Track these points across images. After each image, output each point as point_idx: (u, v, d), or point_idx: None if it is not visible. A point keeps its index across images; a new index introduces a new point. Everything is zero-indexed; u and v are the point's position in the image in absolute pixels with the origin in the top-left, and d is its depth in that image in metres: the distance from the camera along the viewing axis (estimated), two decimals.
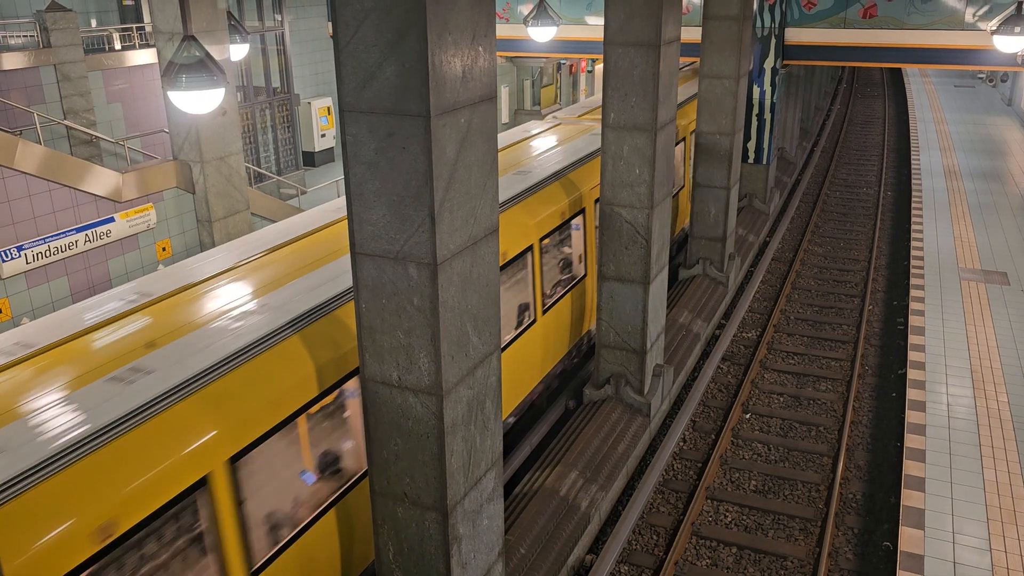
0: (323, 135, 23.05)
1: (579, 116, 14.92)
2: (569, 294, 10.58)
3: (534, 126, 13.93)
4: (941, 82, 37.04)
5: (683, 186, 15.57)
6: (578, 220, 10.73)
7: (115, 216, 13.19)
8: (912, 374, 10.98)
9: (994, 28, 13.40)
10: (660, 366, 10.61)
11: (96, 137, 16.01)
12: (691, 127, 15.65)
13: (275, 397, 5.64)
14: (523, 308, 9.45)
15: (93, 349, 5.77)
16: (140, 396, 5.09)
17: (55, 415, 4.90)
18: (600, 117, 13.68)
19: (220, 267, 7.28)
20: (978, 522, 8.11)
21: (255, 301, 6.59)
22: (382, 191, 4.77)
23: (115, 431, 4.80)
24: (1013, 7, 13.27)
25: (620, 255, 9.77)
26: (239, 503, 5.29)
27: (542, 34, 14.97)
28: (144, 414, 4.98)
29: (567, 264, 10.72)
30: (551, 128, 13.65)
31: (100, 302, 6.61)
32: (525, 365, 9.50)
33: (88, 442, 4.66)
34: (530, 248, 9.39)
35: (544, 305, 9.85)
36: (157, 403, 5.07)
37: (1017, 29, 13.01)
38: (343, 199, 8.85)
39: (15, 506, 4.24)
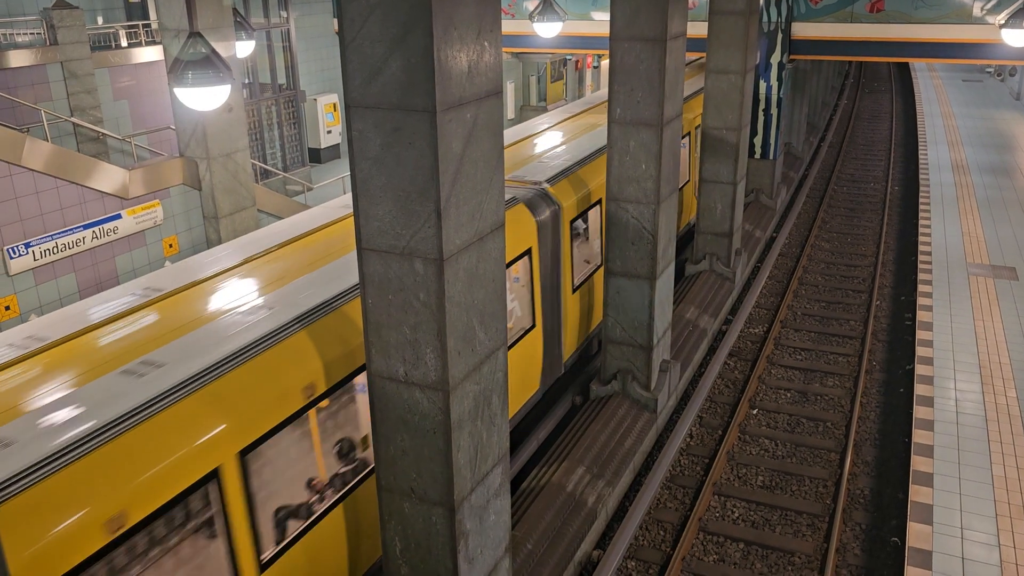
0: (329, 131, 23.07)
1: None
2: None
3: None
4: (949, 76, 36.86)
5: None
6: None
7: (122, 213, 13.23)
8: (920, 369, 10.95)
9: (1002, 22, 13.33)
10: (667, 362, 10.60)
11: (103, 134, 16.05)
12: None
13: None
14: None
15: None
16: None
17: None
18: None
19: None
20: (987, 518, 8.09)
21: None
22: (388, 186, 4.77)
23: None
24: (1021, 1, 13.19)
25: (626, 251, 9.76)
26: None
27: (548, 29, 14.95)
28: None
29: None
30: None
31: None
32: None
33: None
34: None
35: None
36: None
37: None
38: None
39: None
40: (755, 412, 11.27)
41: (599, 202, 11.02)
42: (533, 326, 9.38)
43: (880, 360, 12.57)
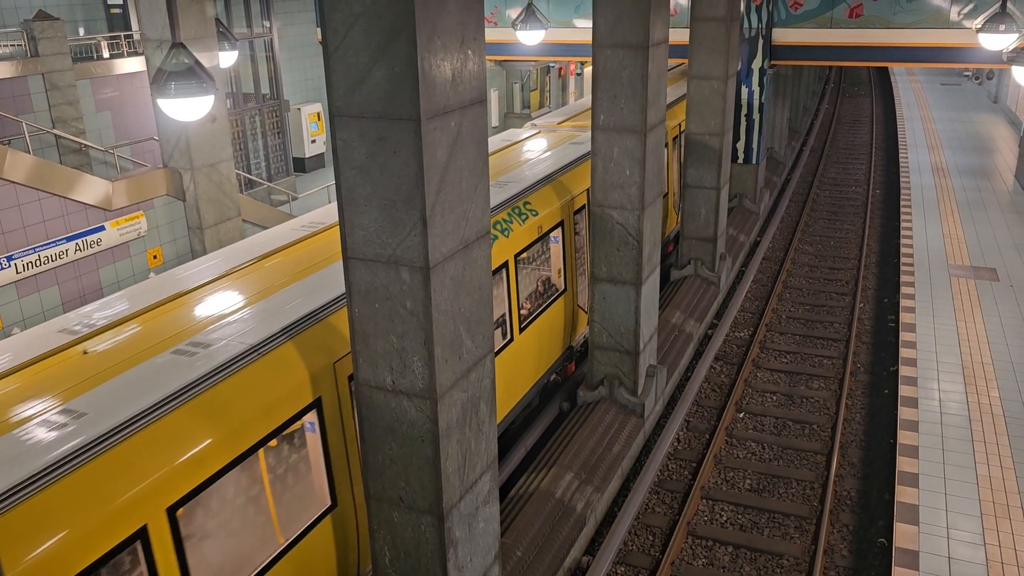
0: (313, 141, 23.03)
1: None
2: None
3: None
4: (928, 80, 37.25)
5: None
6: None
7: (105, 224, 13.15)
8: (904, 371, 11.03)
9: (979, 26, 13.49)
10: (653, 367, 10.63)
11: (85, 146, 15.94)
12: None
13: None
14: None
15: None
16: None
17: None
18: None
19: None
20: (972, 517, 8.15)
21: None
22: (373, 195, 4.77)
23: None
24: (997, 5, 13.36)
25: (611, 256, 9.79)
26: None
27: (531, 37, 15.01)
28: None
29: None
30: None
31: None
32: None
33: None
34: None
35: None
36: None
37: (1002, 27, 13.10)
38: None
39: None
40: (742, 416, 11.32)
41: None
42: None
43: (864, 362, 12.66)
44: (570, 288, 10.75)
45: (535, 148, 12.53)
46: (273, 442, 6.05)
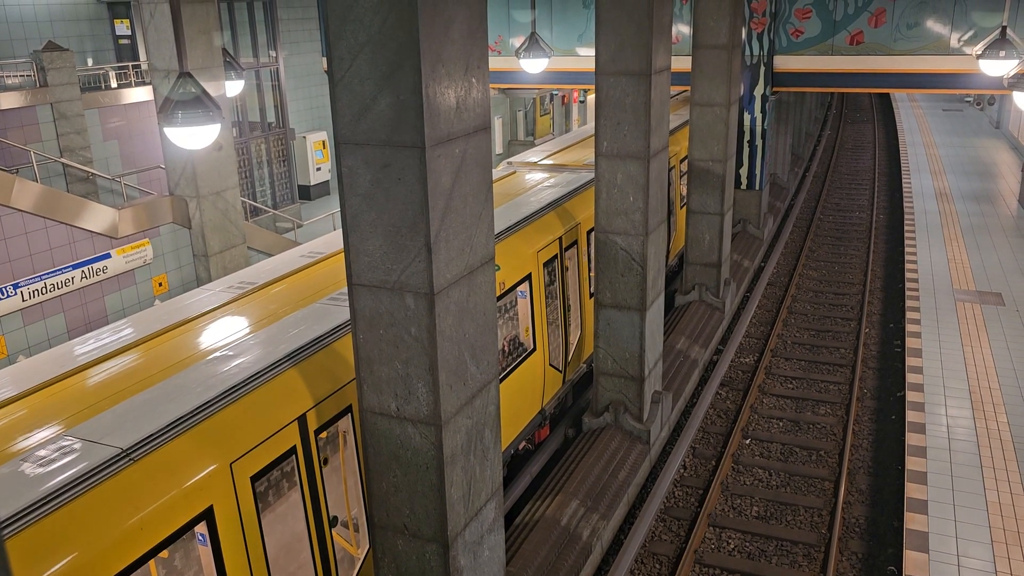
0: (318, 169, 23.19)
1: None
2: None
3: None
4: (929, 106, 37.42)
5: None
6: None
7: (111, 252, 13.21)
8: (911, 396, 10.97)
9: (979, 52, 13.58)
10: (659, 393, 10.59)
11: (92, 174, 16.07)
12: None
13: None
14: None
15: None
16: None
17: None
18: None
19: None
20: (982, 544, 8.06)
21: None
22: (378, 222, 4.80)
23: None
24: (997, 31, 13.45)
25: (616, 282, 9.80)
26: None
27: (534, 66, 15.12)
28: None
29: None
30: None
31: None
32: None
33: None
34: None
35: None
36: None
37: (1002, 53, 13.19)
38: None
39: None
40: (748, 442, 11.25)
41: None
42: None
43: (871, 387, 12.60)
44: (540, 347, 9.83)
45: (506, 191, 11.59)
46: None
